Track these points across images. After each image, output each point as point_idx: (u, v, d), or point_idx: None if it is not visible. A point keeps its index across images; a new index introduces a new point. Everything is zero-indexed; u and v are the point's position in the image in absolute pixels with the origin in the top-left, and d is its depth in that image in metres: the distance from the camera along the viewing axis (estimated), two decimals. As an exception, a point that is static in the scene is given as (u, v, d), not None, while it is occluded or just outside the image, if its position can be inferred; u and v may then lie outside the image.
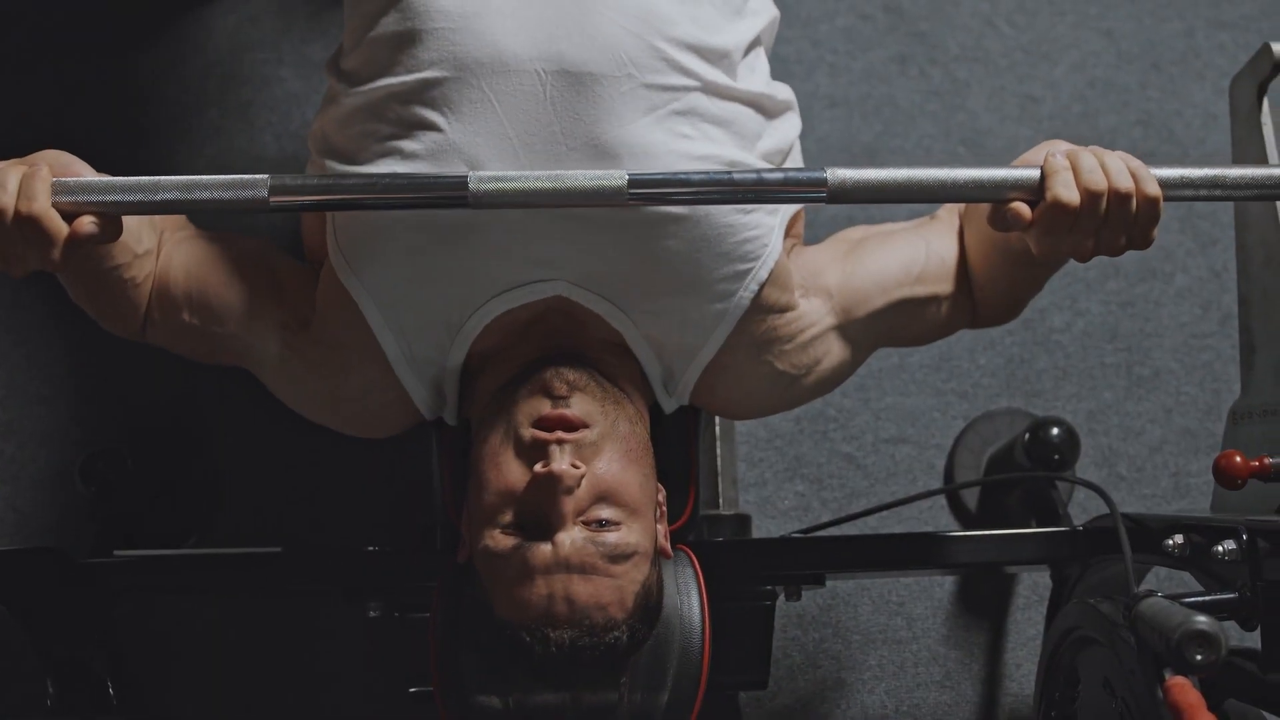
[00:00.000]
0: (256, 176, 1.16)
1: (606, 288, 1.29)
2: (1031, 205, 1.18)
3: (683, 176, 1.18)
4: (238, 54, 2.11)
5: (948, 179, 1.18)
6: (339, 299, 1.31)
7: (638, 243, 1.26)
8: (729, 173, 1.19)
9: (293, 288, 1.38)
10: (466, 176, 1.16)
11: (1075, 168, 1.17)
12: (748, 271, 1.30)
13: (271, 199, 1.16)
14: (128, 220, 1.22)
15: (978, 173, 1.19)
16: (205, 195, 1.16)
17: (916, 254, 1.40)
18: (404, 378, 1.35)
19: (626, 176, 1.16)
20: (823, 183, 1.17)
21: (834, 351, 1.38)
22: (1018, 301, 1.44)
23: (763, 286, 1.31)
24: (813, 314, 1.36)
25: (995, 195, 1.19)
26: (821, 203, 1.19)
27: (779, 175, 1.19)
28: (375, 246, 1.28)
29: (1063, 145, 1.21)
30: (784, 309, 1.34)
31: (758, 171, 1.19)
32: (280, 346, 1.36)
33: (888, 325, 1.40)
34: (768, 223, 1.31)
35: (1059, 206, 1.16)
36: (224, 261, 1.37)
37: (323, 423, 1.42)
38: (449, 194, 1.16)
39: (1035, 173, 1.19)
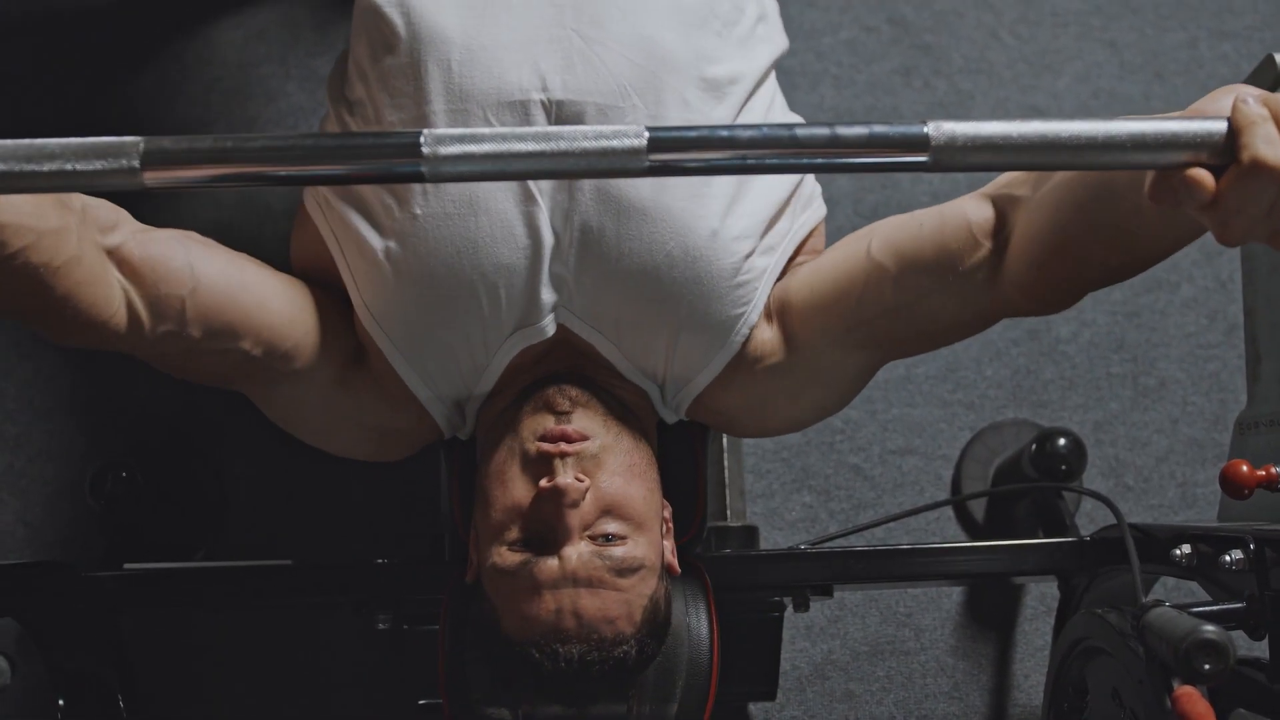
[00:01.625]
0: (126, 140, 0.86)
1: (601, 323, 1.30)
2: (1215, 171, 0.88)
3: (724, 134, 0.88)
4: (244, 68, 2.12)
5: (1096, 135, 0.88)
6: (372, 345, 1.31)
7: (634, 289, 1.26)
8: (790, 129, 0.89)
9: (337, 320, 1.33)
10: (420, 136, 0.87)
11: (1278, 118, 0.88)
12: (740, 316, 1.30)
13: (146, 174, 0.86)
14: (9, 197, 1.02)
15: (1139, 125, 0.88)
16: (51, 167, 0.86)
17: (905, 232, 1.26)
18: (435, 413, 1.36)
19: (646, 134, 0.87)
20: (923, 142, 0.88)
21: (834, 369, 1.34)
22: (1085, 288, 1.19)
23: (754, 329, 1.31)
24: (798, 337, 1.31)
25: (1162, 158, 0.89)
26: (922, 171, 0.94)
27: (862, 131, 0.88)
28: (389, 297, 1.27)
29: (1252, 90, 0.91)
30: (776, 341, 1.33)
31: (830, 126, 0.88)
32: (333, 381, 1.32)
33: (881, 327, 1.28)
34: (761, 264, 1.30)
35: (1262, 170, 0.86)
36: (280, 286, 1.28)
37: (349, 454, 1.41)
38: (395, 161, 0.87)
39: (1221, 125, 0.88)
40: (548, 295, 1.27)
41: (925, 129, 0.87)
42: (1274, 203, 0.88)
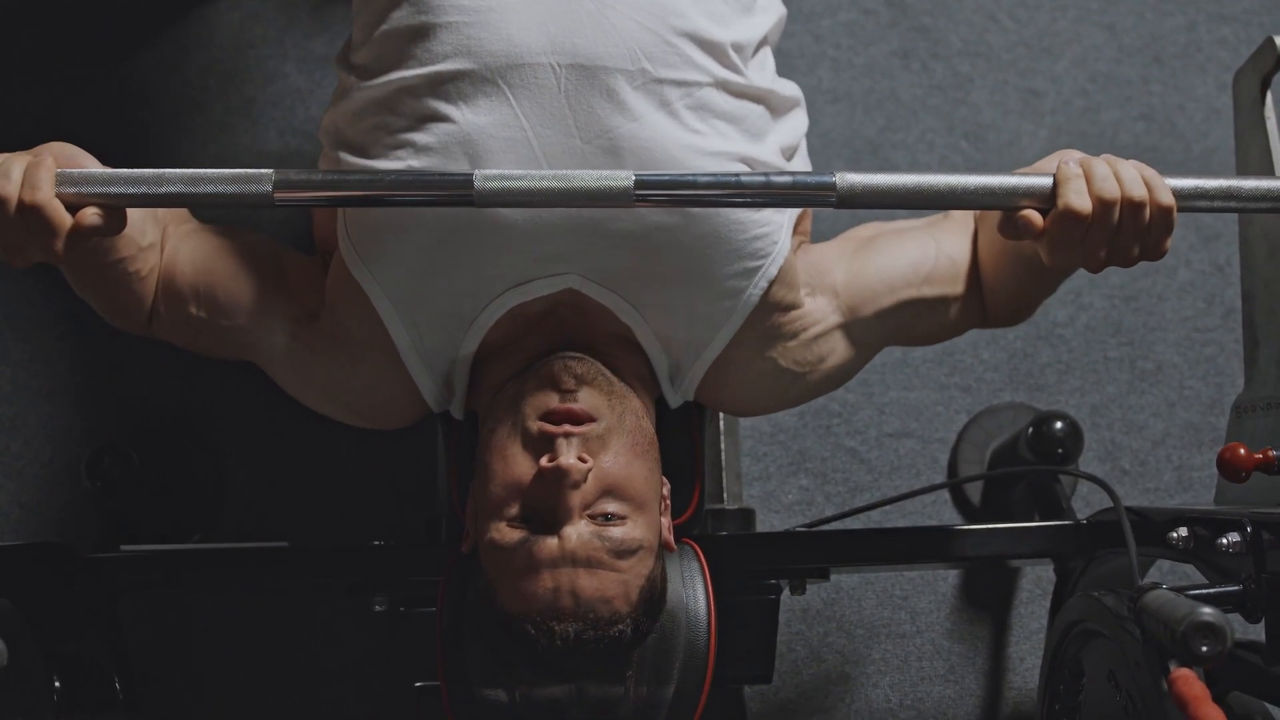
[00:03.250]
0: (262, 171, 1.15)
1: (617, 283, 1.30)
2: (1043, 213, 1.17)
3: (689, 178, 1.17)
4: (241, 50, 2.11)
5: (958, 185, 1.17)
6: (349, 290, 1.32)
7: (647, 240, 1.26)
8: (736, 176, 1.17)
9: (300, 280, 1.38)
10: (472, 175, 1.15)
11: (1088, 175, 1.16)
12: (757, 269, 1.30)
13: (276, 194, 1.15)
14: (131, 213, 1.21)
15: (988, 180, 1.17)
16: (210, 189, 1.15)
17: (926, 254, 1.39)
18: (413, 369, 1.35)
19: (633, 177, 1.14)
20: (831, 187, 1.16)
21: (839, 349, 1.38)
22: (1028, 305, 1.43)
23: (771, 284, 1.31)
24: (818, 312, 1.36)
25: (1006, 203, 1.18)
26: (830, 207, 1.17)
27: (787, 179, 1.17)
28: (387, 239, 1.28)
29: (1075, 154, 1.19)
30: (791, 306, 1.34)
31: (766, 174, 1.18)
32: (288, 339, 1.36)
33: (895, 324, 1.40)
34: (777, 220, 1.31)
35: (1071, 214, 1.15)
36: (231, 255, 1.37)
37: (329, 414, 1.42)
38: (454, 192, 1.15)
39: (1048, 180, 1.17)
40: (554, 253, 1.27)
41: (833, 178, 1.16)
42: (1083, 237, 1.16)
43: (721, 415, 1.80)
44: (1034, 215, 1.16)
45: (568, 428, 1.20)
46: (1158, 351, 2.09)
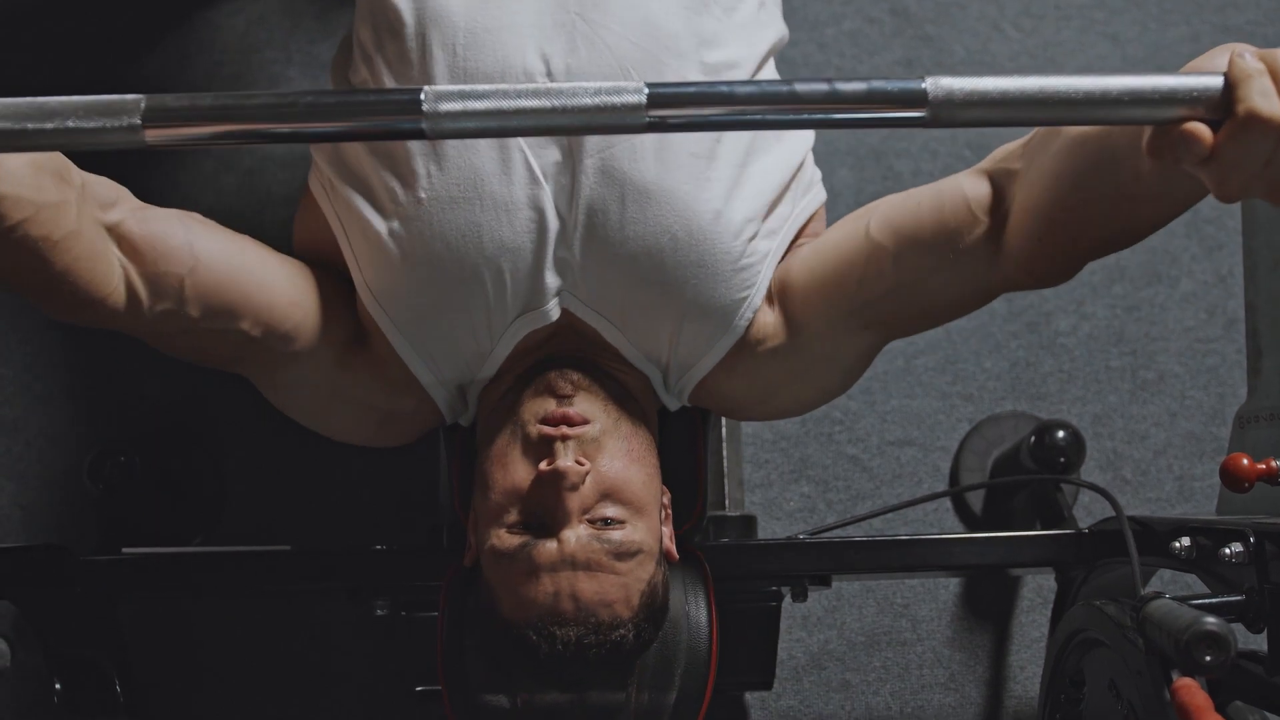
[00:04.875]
0: (127, 98, 0.89)
1: (603, 306, 1.30)
2: (1212, 126, 0.90)
3: (723, 89, 0.89)
4: (245, 54, 2.12)
5: (1095, 90, 0.89)
6: (374, 327, 1.31)
7: (634, 267, 1.26)
8: (789, 84, 0.89)
9: (345, 304, 1.33)
10: (420, 92, 0.88)
11: (1275, 72, 0.89)
12: (744, 300, 1.30)
13: (147, 132, 0.88)
14: (10, 165, 1.04)
15: (1135, 81, 0.89)
16: (54, 125, 0.90)
17: (895, 209, 1.26)
18: (437, 398, 1.36)
19: (645, 90, 0.88)
20: (921, 98, 0.89)
21: (829, 350, 1.34)
22: (1084, 258, 1.19)
23: (757, 312, 1.31)
24: (800, 319, 1.31)
25: (1158, 113, 0.90)
26: (920, 126, 0.91)
27: (860, 87, 0.89)
28: (392, 279, 1.27)
29: (1248, 48, 0.91)
30: (777, 321, 1.33)
31: (829, 81, 0.89)
32: (334, 362, 1.32)
33: (883, 307, 1.27)
34: (764, 248, 1.30)
35: (1257, 123, 0.87)
36: (281, 267, 1.28)
37: (349, 438, 1.41)
38: (396, 118, 0.88)
39: (1218, 80, 0.89)
40: (552, 279, 1.27)
41: (923, 84, 0.88)
42: (1270, 156, 0.89)
43: (724, 422, 1.80)
44: (1200, 129, 0.89)
45: (564, 429, 1.21)
46: (1160, 361, 2.09)
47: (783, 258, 1.34)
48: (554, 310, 1.29)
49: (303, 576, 1.59)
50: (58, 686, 1.45)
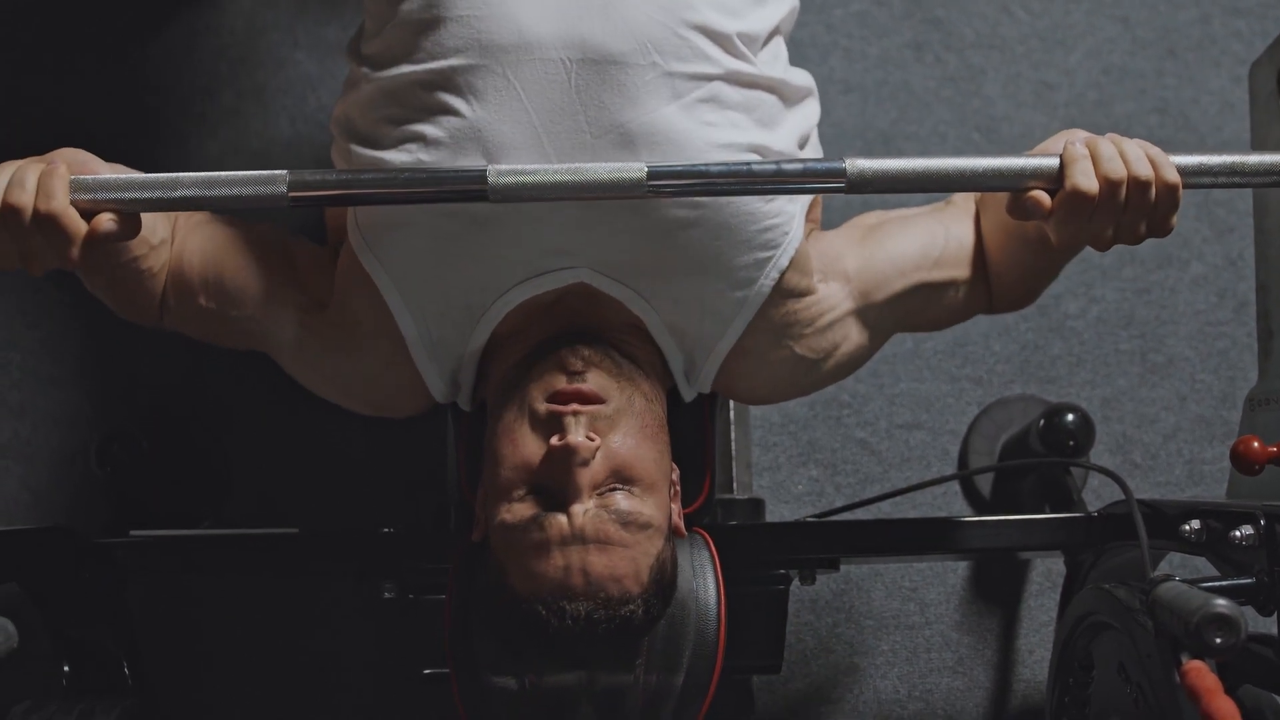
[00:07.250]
0: (275, 173, 1.15)
1: (628, 275, 1.30)
2: (1051, 194, 1.18)
3: (701, 168, 1.18)
4: (252, 37, 2.11)
5: (966, 168, 1.18)
6: (359, 279, 1.31)
7: (658, 232, 1.26)
8: (747, 165, 1.19)
9: (308, 270, 1.38)
10: (485, 170, 1.15)
11: (1094, 155, 1.17)
12: (769, 259, 1.30)
13: (290, 194, 1.15)
14: (143, 214, 1.21)
15: (996, 162, 1.19)
16: (224, 193, 1.15)
17: (935, 238, 1.40)
18: (419, 361, 1.35)
19: (645, 169, 1.15)
20: (841, 173, 1.17)
21: (852, 336, 1.38)
22: (1034, 288, 1.43)
23: (783, 273, 1.31)
24: (831, 298, 1.36)
25: (1014, 184, 1.19)
26: (840, 193, 1.18)
27: (797, 166, 1.19)
28: (396, 229, 1.28)
29: (1081, 134, 1.21)
30: (804, 293, 1.34)
31: (776, 163, 1.19)
32: (297, 328, 1.36)
33: (905, 309, 1.39)
34: (789, 210, 1.31)
35: (1078, 194, 1.16)
36: (239, 246, 1.37)
37: (339, 403, 1.42)
38: (468, 187, 1.16)
39: (1054, 161, 1.18)
40: (561, 244, 1.27)
41: (844, 164, 1.17)
42: (1090, 216, 1.18)
43: (732, 405, 1.80)
44: (1042, 196, 1.18)
45: (575, 406, 1.20)
46: (1169, 344, 2.09)
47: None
48: (558, 279, 1.29)
49: (310, 559, 1.59)
50: (66, 668, 1.45)
